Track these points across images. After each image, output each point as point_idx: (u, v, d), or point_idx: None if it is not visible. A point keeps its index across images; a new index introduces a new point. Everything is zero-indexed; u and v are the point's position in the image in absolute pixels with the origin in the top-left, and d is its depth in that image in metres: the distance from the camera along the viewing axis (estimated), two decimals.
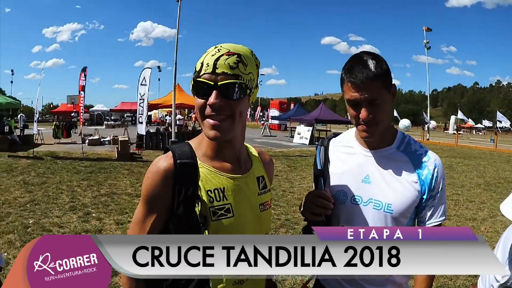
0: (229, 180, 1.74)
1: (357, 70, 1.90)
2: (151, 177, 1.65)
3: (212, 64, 1.60)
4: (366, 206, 2.04)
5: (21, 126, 30.79)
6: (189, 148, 1.71)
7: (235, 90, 1.61)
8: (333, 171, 2.19)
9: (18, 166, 16.49)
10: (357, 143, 2.18)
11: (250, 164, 1.90)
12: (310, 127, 32.25)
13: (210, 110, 1.60)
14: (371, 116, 1.92)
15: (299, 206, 2.22)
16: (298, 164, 19.09)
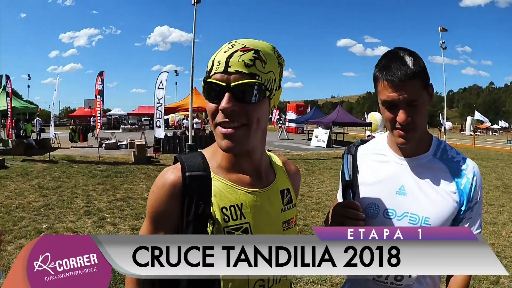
0: (248, 195, 1.55)
1: (394, 67, 1.75)
2: (156, 192, 1.50)
3: (224, 61, 1.41)
4: (401, 220, 1.88)
5: (37, 130, 31.27)
6: (201, 159, 1.56)
7: (251, 92, 1.41)
8: (364, 182, 2.03)
9: (34, 170, 16.65)
10: (390, 150, 2.02)
11: (273, 175, 1.71)
12: (328, 130, 32.34)
13: (222, 116, 1.42)
14: (410, 119, 1.76)
15: (325, 220, 2.15)
16: (316, 168, 18.98)
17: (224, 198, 1.51)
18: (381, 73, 1.80)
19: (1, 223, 8.80)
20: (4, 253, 7.04)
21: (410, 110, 1.76)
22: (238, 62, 1.40)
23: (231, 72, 1.40)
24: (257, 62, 1.43)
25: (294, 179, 1.84)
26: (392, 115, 1.81)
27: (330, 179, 15.49)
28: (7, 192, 12.19)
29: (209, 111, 1.47)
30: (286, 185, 1.74)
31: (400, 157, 1.97)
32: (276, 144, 33.39)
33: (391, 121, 1.83)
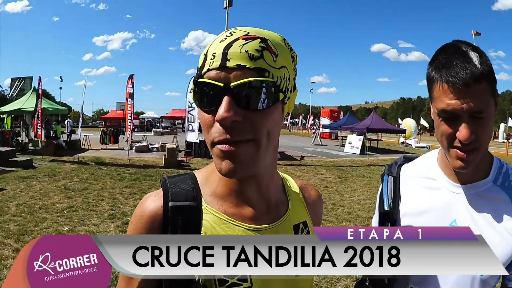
0: (248, 232, 1.24)
1: (457, 66, 1.39)
2: (134, 223, 1.25)
3: (220, 53, 1.08)
4: None
5: (68, 131, 31.81)
6: (191, 184, 1.28)
7: (259, 95, 1.08)
8: (406, 213, 1.73)
9: (61, 170, 16.92)
10: (441, 173, 1.69)
11: (285, 206, 1.38)
12: (361, 136, 32.05)
13: (220, 130, 1.07)
14: (474, 137, 1.40)
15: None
16: (349, 175, 18.69)
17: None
18: (439, 72, 1.45)
19: (23, 223, 8.89)
20: None
21: (475, 124, 1.40)
22: (240, 53, 1.07)
23: (230, 67, 1.06)
24: (265, 54, 1.10)
25: (315, 209, 1.51)
26: (450, 129, 1.45)
27: (362, 188, 15.27)
28: (32, 192, 12.36)
29: (204, 123, 1.14)
30: (302, 217, 1.41)
31: (454, 184, 1.64)
32: (310, 150, 33.40)
33: (448, 138, 1.47)
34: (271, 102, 1.11)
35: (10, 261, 6.70)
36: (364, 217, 10.38)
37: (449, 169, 1.64)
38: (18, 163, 17.75)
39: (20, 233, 8.23)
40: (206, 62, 1.11)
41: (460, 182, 1.62)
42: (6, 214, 9.67)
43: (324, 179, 17.08)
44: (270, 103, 1.10)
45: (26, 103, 26.80)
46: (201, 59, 1.15)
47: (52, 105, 31.14)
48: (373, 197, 13.00)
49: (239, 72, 1.06)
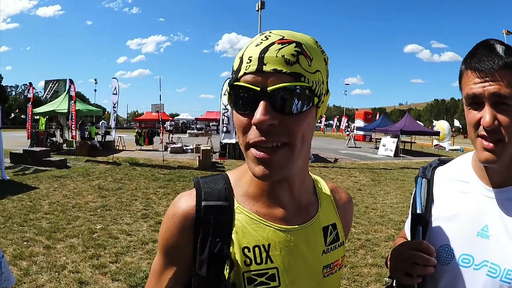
0: (279, 233, 1.26)
1: (480, 53, 1.42)
2: (166, 222, 1.27)
3: (257, 58, 1.09)
4: (478, 270, 1.49)
5: (102, 132, 32.25)
6: (223, 185, 1.31)
7: (295, 99, 1.09)
8: (438, 217, 1.68)
9: (96, 170, 17.17)
10: (475, 176, 1.63)
11: (315, 208, 1.39)
12: (395, 139, 31.62)
13: (256, 133, 1.09)
14: (497, 124, 1.37)
15: (386, 260, 1.81)
16: (382, 178, 18.43)
17: (247, 236, 1.24)
18: (465, 63, 1.48)
19: (55, 221, 8.98)
20: (52, 251, 7.12)
21: (499, 111, 1.38)
22: (277, 58, 1.07)
23: (267, 71, 1.07)
24: (301, 58, 1.10)
25: (345, 212, 1.52)
26: (476, 117, 1.43)
27: (396, 191, 15.01)
28: (65, 191, 12.55)
29: (239, 125, 1.15)
30: (332, 219, 1.43)
31: (487, 187, 1.57)
32: (343, 152, 33.45)
33: (474, 126, 1.45)
34: (306, 106, 1.12)
35: (40, 257, 6.75)
36: (397, 221, 10.16)
37: (483, 172, 1.59)
38: (52, 162, 18.12)
39: (52, 230, 8.31)
40: (242, 65, 1.12)
41: (493, 186, 1.56)
42: (39, 212, 9.80)
43: (358, 181, 16.89)
44: (305, 107, 1.12)
45: (60, 105, 27.36)
46: (236, 62, 1.16)
47: (87, 107, 31.70)
48: (406, 200, 12.88)
49: (276, 77, 1.07)
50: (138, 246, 7.64)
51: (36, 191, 12.38)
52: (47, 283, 5.87)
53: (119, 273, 6.32)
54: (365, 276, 6.57)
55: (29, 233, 8.06)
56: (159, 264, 1.30)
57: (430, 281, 1.58)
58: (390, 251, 1.76)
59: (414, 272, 1.52)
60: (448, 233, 1.60)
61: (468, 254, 1.52)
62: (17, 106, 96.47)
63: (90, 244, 7.56)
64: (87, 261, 6.71)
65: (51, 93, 33.41)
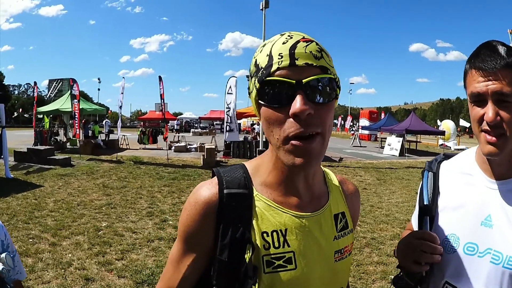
0: (295, 219, 1.34)
1: (484, 54, 1.53)
2: (188, 209, 1.33)
3: (288, 54, 1.18)
4: (482, 257, 1.58)
5: (106, 131, 32.35)
6: (243, 173, 1.39)
7: (326, 90, 1.20)
8: (444, 207, 1.78)
9: (100, 169, 17.19)
10: (478, 169, 1.73)
11: (326, 197, 1.49)
12: (401, 138, 31.68)
13: (295, 125, 1.16)
14: (499, 119, 1.48)
15: (395, 250, 1.88)
16: (388, 177, 18.45)
17: (266, 221, 1.32)
18: (469, 63, 1.59)
19: (60, 219, 8.99)
20: (58, 248, 7.13)
21: (502, 108, 1.49)
22: (306, 53, 1.18)
23: (299, 65, 1.17)
24: (324, 54, 1.23)
25: (352, 201, 1.62)
26: (479, 113, 1.54)
27: (401, 190, 15.04)
28: (70, 189, 12.58)
29: (274, 120, 1.21)
30: (341, 208, 1.52)
31: (490, 179, 1.68)
32: (349, 151, 33.38)
33: (477, 121, 1.55)
34: (333, 97, 1.23)
35: (46, 255, 6.76)
36: (402, 220, 10.17)
37: (486, 165, 1.69)
38: (56, 161, 18.14)
39: (57, 227, 8.32)
40: (273, 61, 1.19)
41: (495, 178, 1.66)
42: (44, 209, 9.82)
43: (363, 180, 16.90)
44: (332, 97, 1.22)
45: (64, 104, 27.43)
46: (263, 59, 1.23)
47: (91, 105, 31.77)
48: (411, 199, 12.92)
49: (307, 70, 1.17)
50: (144, 243, 7.64)
51: (40, 189, 12.41)
52: (53, 279, 5.87)
53: (125, 270, 6.32)
54: (370, 274, 6.58)
55: (35, 230, 8.08)
56: (178, 251, 1.36)
57: (437, 269, 1.68)
58: (398, 244, 1.83)
59: (422, 260, 1.60)
60: (453, 223, 1.70)
61: (473, 243, 1.61)
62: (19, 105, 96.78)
63: (96, 241, 7.57)
64: (93, 258, 6.72)
65: (55, 92, 33.40)
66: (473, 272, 1.59)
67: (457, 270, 1.63)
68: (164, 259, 6.79)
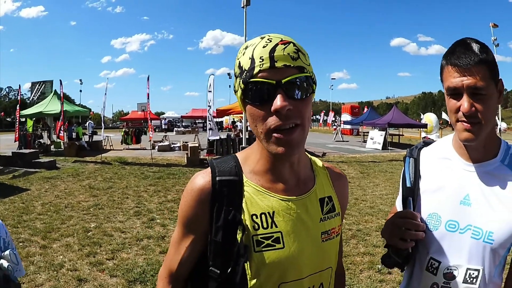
0: (281, 202, 1.49)
1: (459, 51, 1.68)
2: (185, 196, 1.52)
3: (267, 57, 1.32)
4: (463, 233, 1.75)
5: (89, 133, 32.17)
6: (234, 163, 1.55)
7: (303, 87, 1.36)
8: (426, 189, 1.93)
9: (85, 171, 17.17)
10: (456, 154, 1.89)
11: (312, 182, 1.62)
12: (383, 132, 31.89)
13: (276, 119, 1.32)
14: (474, 110, 1.63)
15: (382, 230, 2.01)
16: (371, 170, 18.69)
17: (255, 205, 1.47)
18: (446, 59, 1.74)
19: (49, 222, 9.03)
20: (49, 250, 7.18)
21: (476, 100, 1.64)
22: (284, 55, 1.33)
23: (279, 67, 1.32)
24: (300, 54, 1.38)
25: (339, 186, 1.74)
26: (456, 105, 1.69)
27: (385, 183, 15.25)
28: (57, 191, 12.58)
29: (257, 116, 1.37)
30: (327, 192, 1.66)
31: (467, 163, 1.84)
32: (331, 146, 33.66)
33: (454, 112, 1.70)
34: (310, 93, 1.39)
35: (37, 257, 6.81)
36: (386, 211, 10.25)
37: (462, 149, 1.84)
38: (41, 164, 18.05)
39: (47, 230, 8.36)
40: (255, 64, 1.33)
41: (472, 162, 1.82)
42: (32, 213, 9.84)
43: (346, 174, 16.64)
44: (309, 93, 1.39)
45: (48, 106, 27.16)
46: (246, 62, 1.37)
47: (74, 107, 31.55)
48: (395, 192, 12.80)
49: (286, 71, 1.32)
50: (133, 242, 7.73)
51: (27, 192, 12.40)
52: (46, 282, 5.93)
53: (117, 269, 6.41)
54: (358, 264, 6.73)
55: (24, 234, 8.11)
56: (178, 234, 1.56)
57: (421, 246, 1.84)
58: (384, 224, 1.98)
59: (407, 237, 1.75)
60: (435, 203, 1.85)
61: (454, 220, 1.77)
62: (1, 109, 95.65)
63: (86, 242, 7.63)
64: (84, 259, 6.79)
65: (37, 94, 33.13)
66: (455, 247, 1.75)
67: (440, 246, 1.79)
68: (154, 257, 6.92)
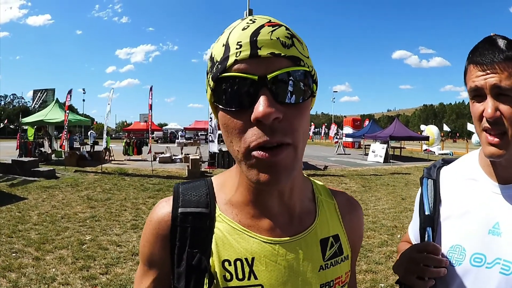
0: (265, 245, 1.10)
1: (482, 48, 1.42)
2: (144, 229, 1.17)
3: (248, 42, 0.93)
4: (491, 268, 1.43)
5: (91, 143, 32.16)
6: (205, 190, 1.17)
7: (300, 87, 0.96)
8: (447, 216, 1.63)
9: (84, 181, 17.03)
10: (483, 173, 1.59)
11: (312, 216, 1.22)
12: (385, 145, 31.88)
13: (258, 132, 0.93)
14: (499, 115, 1.35)
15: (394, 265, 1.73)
16: (373, 184, 18.43)
17: (228, 247, 1.09)
18: (468, 59, 1.48)
19: (44, 232, 8.87)
20: (42, 262, 7.02)
21: (502, 102, 1.36)
22: (272, 40, 0.93)
23: (263, 56, 0.92)
24: (295, 41, 0.98)
25: (352, 221, 1.33)
26: (479, 109, 1.42)
27: (387, 196, 15.02)
28: (54, 201, 12.43)
29: (231, 128, 0.98)
30: (333, 230, 1.25)
31: (496, 184, 1.53)
32: (333, 159, 33.45)
33: (478, 119, 1.43)
34: (308, 96, 0.99)
35: (29, 269, 6.66)
36: (389, 226, 10.17)
37: (490, 168, 1.55)
38: (41, 173, 17.91)
39: (41, 241, 8.20)
40: (230, 53, 0.95)
41: (502, 182, 1.52)
42: (28, 222, 9.69)
43: (348, 188, 16.85)
44: (307, 96, 0.99)
45: (49, 115, 27.14)
46: (219, 51, 0.99)
47: (75, 116, 31.54)
48: (397, 206, 12.99)
49: (273, 62, 0.93)
50: (129, 257, 7.54)
51: (25, 201, 12.26)
52: None
53: (110, 285, 6.23)
54: (360, 283, 6.54)
55: (18, 245, 7.96)
56: (139, 271, 1.20)
57: (441, 283, 1.53)
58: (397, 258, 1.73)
59: (426, 275, 1.48)
60: (458, 233, 1.56)
61: (480, 253, 1.47)
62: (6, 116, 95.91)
63: (80, 255, 7.45)
64: (77, 273, 6.61)
65: (39, 102, 33.25)
66: (481, 285, 1.46)
67: (463, 284, 1.49)
68: None
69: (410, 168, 25.31)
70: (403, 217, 11.20)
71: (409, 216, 10.95)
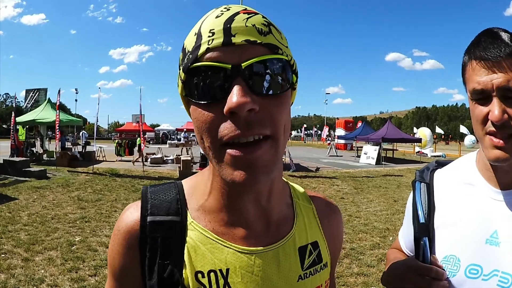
0: (240, 255, 1.03)
1: (485, 41, 1.29)
2: (113, 238, 1.08)
3: (221, 29, 0.88)
4: (487, 280, 1.32)
5: (83, 143, 32.07)
6: (176, 195, 1.09)
7: (277, 77, 0.91)
8: (441, 224, 1.51)
9: (76, 181, 16.95)
10: (481, 178, 1.48)
11: (289, 223, 1.16)
12: (377, 147, 31.89)
13: (232, 127, 0.87)
14: (507, 118, 1.23)
15: (383, 279, 1.64)
16: (365, 186, 18.44)
17: (201, 258, 1.02)
18: (468, 53, 1.34)
19: (34, 233, 8.83)
20: (31, 264, 6.98)
21: (509, 104, 1.24)
22: (247, 27, 0.89)
23: (237, 44, 0.87)
24: (272, 29, 0.93)
25: (331, 226, 1.27)
26: (483, 112, 1.29)
27: (379, 198, 15.04)
28: (44, 202, 12.37)
29: (202, 121, 0.91)
30: (312, 237, 1.19)
31: (495, 189, 1.42)
32: (325, 161, 33.38)
33: (481, 122, 1.30)
34: (287, 86, 0.94)
35: (18, 270, 6.63)
36: (381, 229, 10.18)
37: (489, 172, 1.44)
38: (32, 173, 17.82)
39: (30, 242, 8.15)
40: (202, 41, 0.89)
41: (502, 188, 1.40)
42: (18, 223, 9.64)
43: (340, 190, 16.87)
44: (286, 86, 0.93)
45: (40, 114, 26.93)
46: (190, 40, 0.94)
47: (67, 116, 31.36)
48: (389, 208, 13.01)
49: (248, 50, 0.87)
50: None
51: (15, 202, 12.19)
52: None
53: (98, 287, 6.21)
54: (351, 286, 6.55)
55: (7, 245, 7.92)
56: (108, 284, 1.11)
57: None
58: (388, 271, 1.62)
59: None
60: (453, 242, 1.45)
61: (476, 264, 1.37)
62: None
63: (69, 256, 7.42)
64: (65, 274, 6.58)
65: (31, 102, 33.05)
66: None
67: None
68: None
69: (403, 170, 25.40)
70: (395, 219, 11.22)
71: (401, 218, 10.54)
